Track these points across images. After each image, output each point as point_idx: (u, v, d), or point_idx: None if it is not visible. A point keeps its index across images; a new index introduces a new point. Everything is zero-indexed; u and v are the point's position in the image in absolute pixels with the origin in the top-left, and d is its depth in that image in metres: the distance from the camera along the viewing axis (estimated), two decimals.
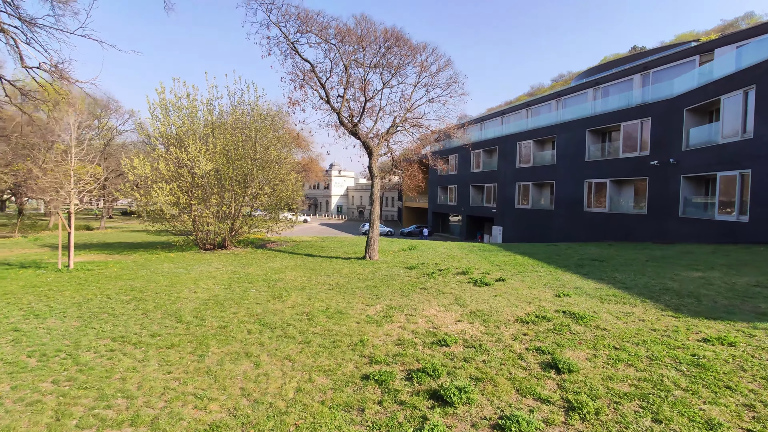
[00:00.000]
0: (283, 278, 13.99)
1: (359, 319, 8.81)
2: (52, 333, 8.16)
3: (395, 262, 17.35)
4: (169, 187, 20.65)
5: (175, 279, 13.96)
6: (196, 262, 18.05)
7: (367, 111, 21.11)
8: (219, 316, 9.32)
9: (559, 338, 7.15)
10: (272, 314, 9.39)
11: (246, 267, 16.61)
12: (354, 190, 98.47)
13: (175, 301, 10.78)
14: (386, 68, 20.17)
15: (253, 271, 15.65)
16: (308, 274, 14.64)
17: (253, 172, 22.11)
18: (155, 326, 8.62)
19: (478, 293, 10.82)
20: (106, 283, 13.37)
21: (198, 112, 22.79)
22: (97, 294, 11.62)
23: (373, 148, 19.96)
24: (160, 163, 21.18)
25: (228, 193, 21.66)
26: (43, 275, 15.01)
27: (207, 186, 21.53)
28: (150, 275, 14.77)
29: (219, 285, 12.92)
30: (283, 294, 11.42)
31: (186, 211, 21.71)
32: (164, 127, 21.82)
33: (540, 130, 37.16)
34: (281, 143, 24.39)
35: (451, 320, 8.54)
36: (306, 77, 20.06)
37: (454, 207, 51.60)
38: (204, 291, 12.00)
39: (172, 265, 17.28)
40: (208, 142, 22.09)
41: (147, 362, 6.77)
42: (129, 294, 11.61)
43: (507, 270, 14.34)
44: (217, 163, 21.44)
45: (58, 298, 11.06)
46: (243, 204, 22.65)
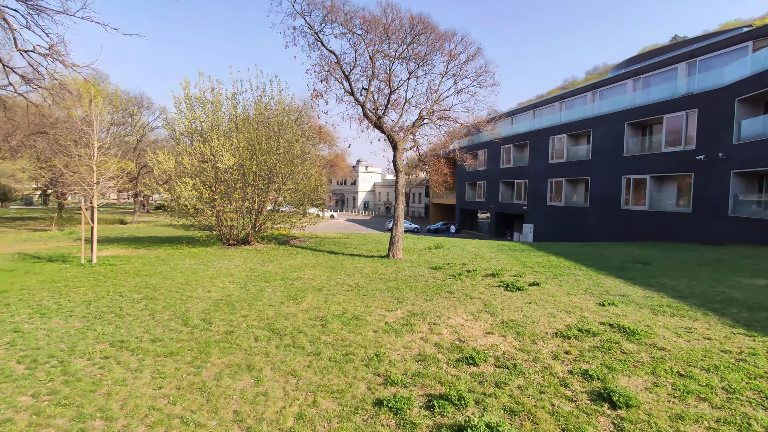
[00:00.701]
0: (302, 277, 13.23)
1: (377, 327, 7.89)
2: (51, 335, 7.60)
3: (420, 261, 16.35)
4: (192, 181, 20.29)
5: (192, 276, 13.43)
6: (217, 258, 17.57)
7: (392, 104, 20.14)
8: (227, 319, 8.59)
9: (608, 359, 6.02)
10: (284, 318, 8.59)
11: (265, 264, 15.98)
12: (381, 186, 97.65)
13: (186, 300, 10.15)
14: (413, 58, 19.12)
15: (272, 268, 14.98)
16: (328, 273, 13.84)
17: (276, 167, 21.51)
18: (159, 329, 7.97)
19: (510, 299, 9.71)
20: (123, 279, 12.96)
21: (222, 107, 22.35)
22: (110, 291, 11.15)
23: (398, 141, 18.97)
24: (183, 157, 20.85)
25: (251, 188, 21.15)
26: (65, 270, 14.79)
27: (230, 181, 21.07)
28: (168, 272, 14.32)
29: (235, 283, 12.27)
30: (298, 295, 10.62)
31: (209, 206, 21.33)
32: (188, 121, 21.47)
33: (574, 123, 35.20)
34: (305, 137, 23.70)
35: (480, 331, 7.50)
36: (330, 69, 19.27)
37: (483, 204, 49.97)
38: (218, 290, 11.35)
39: (192, 261, 16.86)
40: (232, 137, 21.62)
41: (139, 373, 6.06)
42: (141, 292, 11.08)
43: (541, 272, 13.11)
44: (240, 158, 20.94)
45: (71, 296, 10.64)
46: (266, 199, 22.11)
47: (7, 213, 53.77)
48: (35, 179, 34.17)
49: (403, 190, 18.45)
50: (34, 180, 33.41)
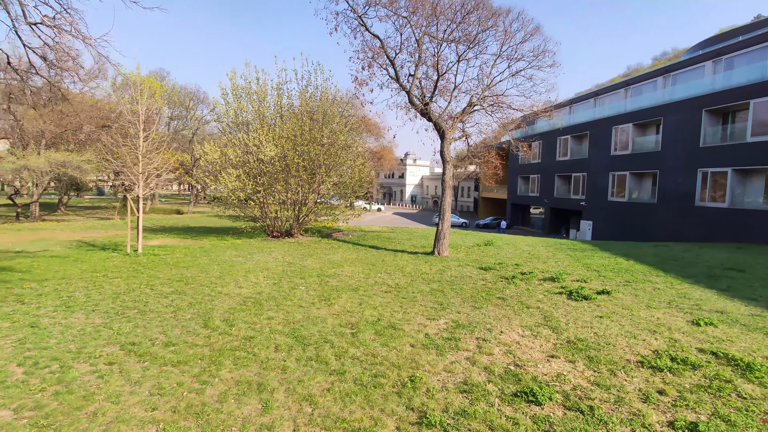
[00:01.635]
0: (339, 274, 12.21)
1: (415, 340, 6.65)
2: (66, 333, 7.00)
3: (468, 260, 14.87)
4: (236, 172, 19.92)
5: (229, 269, 12.79)
6: (257, 251, 17.01)
7: (440, 90, 18.68)
8: (251, 321, 7.68)
9: (722, 406, 4.43)
10: (312, 323, 7.56)
11: (304, 258, 15.15)
12: (429, 179, 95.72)
13: (214, 297, 9.40)
14: (462, 40, 17.51)
15: (310, 263, 14.11)
16: (367, 271, 12.74)
17: (319, 157, 20.69)
18: (176, 330, 7.18)
19: (576, 311, 8.12)
20: (161, 270, 12.54)
21: (267, 97, 21.80)
22: (143, 284, 10.65)
23: (446, 130, 17.49)
24: (228, 148, 20.52)
25: (294, 179, 20.48)
26: (110, 259, 14.72)
27: (272, 172, 20.52)
28: (206, 264, 13.81)
29: (269, 279, 11.46)
30: (332, 295, 9.58)
31: (253, 198, 20.92)
32: (233, 112, 21.11)
33: (642, 111, 31.84)
34: (349, 127, 22.73)
35: (541, 353, 6.06)
36: (374, 54, 18.09)
37: (536, 198, 47.08)
38: (250, 286, 10.56)
39: (234, 253, 16.38)
40: (276, 128, 21.04)
41: (138, 387, 5.20)
42: (173, 285, 10.50)
43: (609, 278, 11.27)
44: (283, 148, 20.30)
45: (104, 287, 10.22)
46: (309, 191, 21.39)
47: (81, 202, 57.44)
48: (99, 171, 35.72)
49: (451, 183, 16.99)
50: (98, 171, 34.90)
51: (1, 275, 11.46)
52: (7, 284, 10.36)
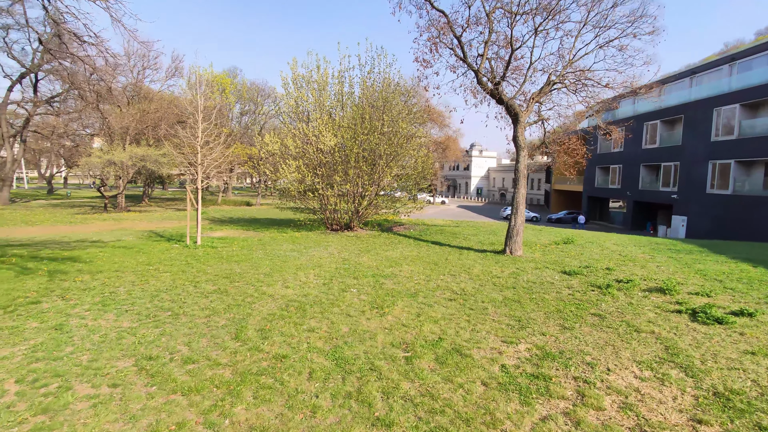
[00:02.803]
0: (397, 274, 10.70)
1: (488, 375, 4.95)
2: (86, 340, 6.14)
3: (546, 261, 12.68)
4: (295, 164, 19.11)
5: (280, 265, 11.78)
6: (314, 245, 16.02)
7: (512, 69, 16.46)
8: (289, 333, 6.40)
9: None
10: (358, 340, 6.12)
11: (360, 254, 13.84)
12: (496, 171, 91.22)
13: (256, 299, 8.30)
14: (540, 10, 15.11)
15: (366, 260, 12.75)
16: (428, 271, 11.10)
17: (380, 147, 19.28)
18: (203, 342, 6.07)
19: (710, 341, 5.91)
20: (211, 264, 11.82)
21: (328, 86, 20.73)
22: (189, 280, 9.86)
23: (520, 113, 15.25)
24: (288, 139, 19.77)
25: (353, 170, 19.27)
26: (169, 251, 14.41)
27: (331, 163, 19.45)
28: (259, 258, 12.95)
29: (319, 278, 10.24)
30: (386, 302, 8.09)
31: (312, 189, 20.04)
32: (294, 101, 20.29)
33: (753, 90, 26.81)
34: (412, 115, 21.06)
35: (680, 415, 4.10)
36: (440, 32, 16.29)
37: (617, 191, 42.32)
38: (297, 286, 9.38)
39: (290, 247, 15.50)
40: (336, 116, 19.95)
41: (131, 426, 4.05)
42: (218, 283, 9.59)
43: (741, 292, 8.65)
44: (343, 138, 19.15)
45: (149, 282, 9.56)
46: (369, 183, 20.09)
47: (164, 194, 61.24)
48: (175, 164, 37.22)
49: (525, 172, 14.78)
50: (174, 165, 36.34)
51: (63, 266, 11.31)
52: (62, 276, 10.05)
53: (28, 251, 14.25)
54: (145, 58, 35.99)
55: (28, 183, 70.67)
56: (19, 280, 9.46)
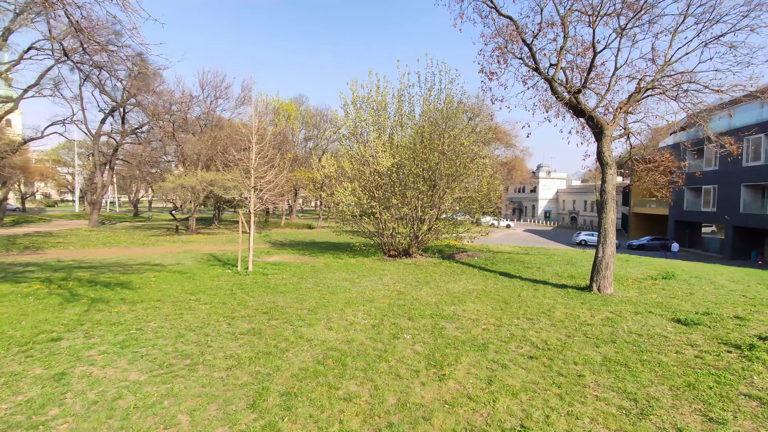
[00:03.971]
0: (460, 315, 8.92)
1: None
2: (77, 400, 5.05)
3: (647, 303, 10.19)
4: (351, 186, 18.07)
5: (327, 299, 10.46)
6: (368, 274, 14.63)
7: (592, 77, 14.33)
8: (319, 404, 4.90)
9: None
10: (407, 422, 4.47)
11: (419, 286, 12.18)
12: (565, 193, 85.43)
13: (291, 345, 6.94)
14: (625, 9, 12.97)
15: (424, 294, 11.07)
16: (498, 312, 9.18)
17: (440, 167, 17.69)
18: (210, 410, 4.76)
19: None
20: (255, 295, 10.78)
21: (387, 105, 19.68)
22: (226, 315, 8.79)
23: (605, 125, 13.01)
24: (344, 160, 18.85)
25: (411, 192, 17.82)
26: (219, 278, 13.72)
27: (389, 184, 18.16)
28: (307, 289, 11.75)
29: (368, 317, 8.73)
30: (446, 358, 6.36)
31: (368, 213, 18.83)
32: (352, 122, 19.43)
33: None
34: (476, 133, 19.32)
35: None
36: (507, 41, 14.72)
37: (711, 215, 36.94)
38: (341, 328, 7.93)
39: (343, 275, 14.24)
40: (394, 135, 18.78)
41: None
42: (254, 320, 8.40)
43: None
44: (401, 157, 17.85)
45: (184, 317, 8.60)
46: (429, 205, 18.49)
47: (234, 217, 63.78)
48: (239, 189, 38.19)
49: (614, 194, 12.39)
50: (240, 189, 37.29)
51: (109, 293, 10.84)
52: (102, 305, 9.44)
53: (90, 274, 14.27)
54: (218, 89, 37.78)
55: (119, 207, 77.32)
56: (60, 309, 8.93)
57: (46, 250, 23.21)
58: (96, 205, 38.72)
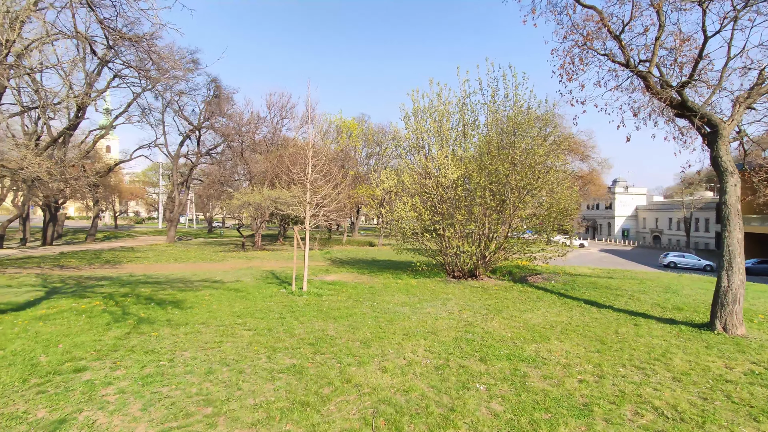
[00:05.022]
0: (545, 358, 7.10)
1: None
2: None
3: None
4: (411, 201, 16.74)
5: (384, 328, 9.07)
6: (430, 297, 13.08)
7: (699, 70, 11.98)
8: None
9: None
10: None
11: (489, 317, 10.41)
12: (646, 210, 77.47)
13: (335, 392, 5.62)
14: None
15: (497, 326, 9.31)
16: (594, 356, 7.23)
17: (510, 179, 15.82)
18: None
19: None
20: (306, 321, 9.67)
21: (449, 114, 18.25)
22: (268, 345, 7.68)
23: (721, 125, 10.58)
24: (404, 174, 17.62)
25: (478, 207, 16.08)
26: (272, 298, 12.90)
27: (453, 199, 16.57)
28: (362, 315, 10.46)
29: (431, 355, 7.21)
30: (537, 427, 4.67)
31: (430, 230, 17.33)
32: (412, 133, 18.22)
33: None
34: (550, 142, 17.21)
35: None
36: (588, 37, 12.88)
37: None
38: (398, 370, 6.49)
39: (402, 299, 12.83)
40: (458, 146, 17.27)
41: None
42: (298, 353, 7.21)
43: None
44: (466, 169, 16.26)
45: (223, 346, 7.63)
46: (498, 222, 16.60)
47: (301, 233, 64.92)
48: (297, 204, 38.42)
49: (738, 207, 9.85)
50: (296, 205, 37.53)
51: (159, 312, 10.31)
52: (145, 327, 8.80)
53: (151, 290, 14.13)
54: (283, 109, 38.66)
55: (196, 223, 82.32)
56: (103, 331, 8.39)
57: (124, 264, 24.26)
58: (173, 222, 40.85)
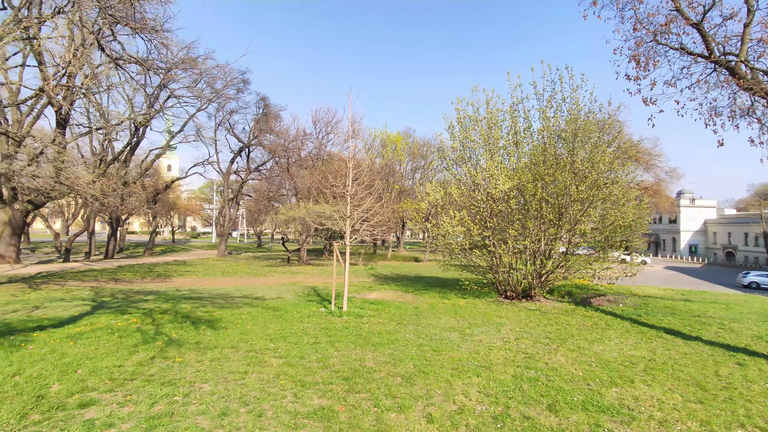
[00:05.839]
0: (633, 411, 5.61)
1: None
2: None
3: None
4: (459, 215, 15.49)
5: (429, 361, 7.86)
6: (481, 322, 11.70)
7: None
8: None
9: None
10: None
11: (553, 347, 8.91)
12: (717, 224, 70.34)
13: None
14: None
15: (563, 361, 7.84)
16: (697, 409, 5.65)
17: (570, 190, 14.18)
18: None
19: None
20: (342, 348, 8.67)
21: (499, 122, 16.92)
22: (295, 381, 6.70)
23: None
24: (452, 186, 16.44)
25: (533, 221, 14.54)
26: (311, 318, 12.07)
27: (505, 212, 15.14)
28: (406, 342, 9.30)
29: (487, 398, 5.95)
30: None
31: (479, 246, 15.95)
32: (458, 143, 17.04)
33: None
34: (618, 148, 15.40)
35: None
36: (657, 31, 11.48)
37: None
38: (447, 421, 5.28)
39: (449, 322, 11.56)
40: (510, 155, 15.89)
41: None
42: (329, 392, 6.17)
43: None
44: (519, 180, 14.82)
45: (248, 377, 6.77)
46: (556, 237, 14.92)
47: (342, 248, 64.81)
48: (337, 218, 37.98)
49: None
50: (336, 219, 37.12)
51: (190, 333, 9.73)
52: (172, 351, 8.16)
53: (191, 306, 13.79)
54: (329, 124, 38.77)
55: (247, 238, 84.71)
56: (129, 354, 7.82)
57: (174, 278, 24.64)
58: (223, 237, 41.80)
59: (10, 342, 8.39)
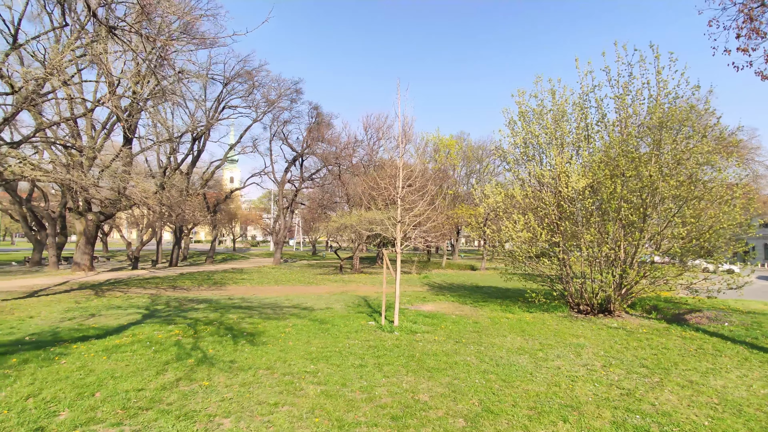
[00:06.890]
0: None
1: None
2: None
3: None
4: (523, 219, 13.72)
5: (497, 396, 6.34)
6: (555, 342, 9.91)
7: None
8: None
9: None
10: None
11: (655, 381, 7.02)
12: None
13: None
14: None
15: (674, 402, 6.00)
16: None
17: (658, 187, 11.94)
18: None
19: None
20: (392, 374, 7.37)
21: (567, 115, 14.96)
22: (332, 419, 5.52)
23: None
24: (514, 187, 14.71)
25: (612, 224, 12.43)
26: (359, 333, 10.92)
27: (578, 214, 13.15)
28: (467, 366, 7.83)
29: None
30: None
31: (548, 253, 14.03)
32: (521, 139, 15.27)
33: None
34: (718, 137, 12.91)
35: None
36: None
37: None
38: None
39: (517, 342, 9.90)
40: (582, 151, 13.91)
41: None
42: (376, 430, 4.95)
43: None
44: (594, 177, 12.81)
45: (277, 411, 5.67)
46: (639, 242, 12.66)
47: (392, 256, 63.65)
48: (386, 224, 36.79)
49: None
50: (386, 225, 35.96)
51: (227, 348, 8.91)
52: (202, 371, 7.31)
53: (238, 316, 13.20)
54: (380, 130, 38.01)
55: (303, 246, 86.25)
56: (156, 374, 7.04)
57: (228, 286, 24.72)
58: (279, 245, 42.24)
59: (45, 355, 7.99)
